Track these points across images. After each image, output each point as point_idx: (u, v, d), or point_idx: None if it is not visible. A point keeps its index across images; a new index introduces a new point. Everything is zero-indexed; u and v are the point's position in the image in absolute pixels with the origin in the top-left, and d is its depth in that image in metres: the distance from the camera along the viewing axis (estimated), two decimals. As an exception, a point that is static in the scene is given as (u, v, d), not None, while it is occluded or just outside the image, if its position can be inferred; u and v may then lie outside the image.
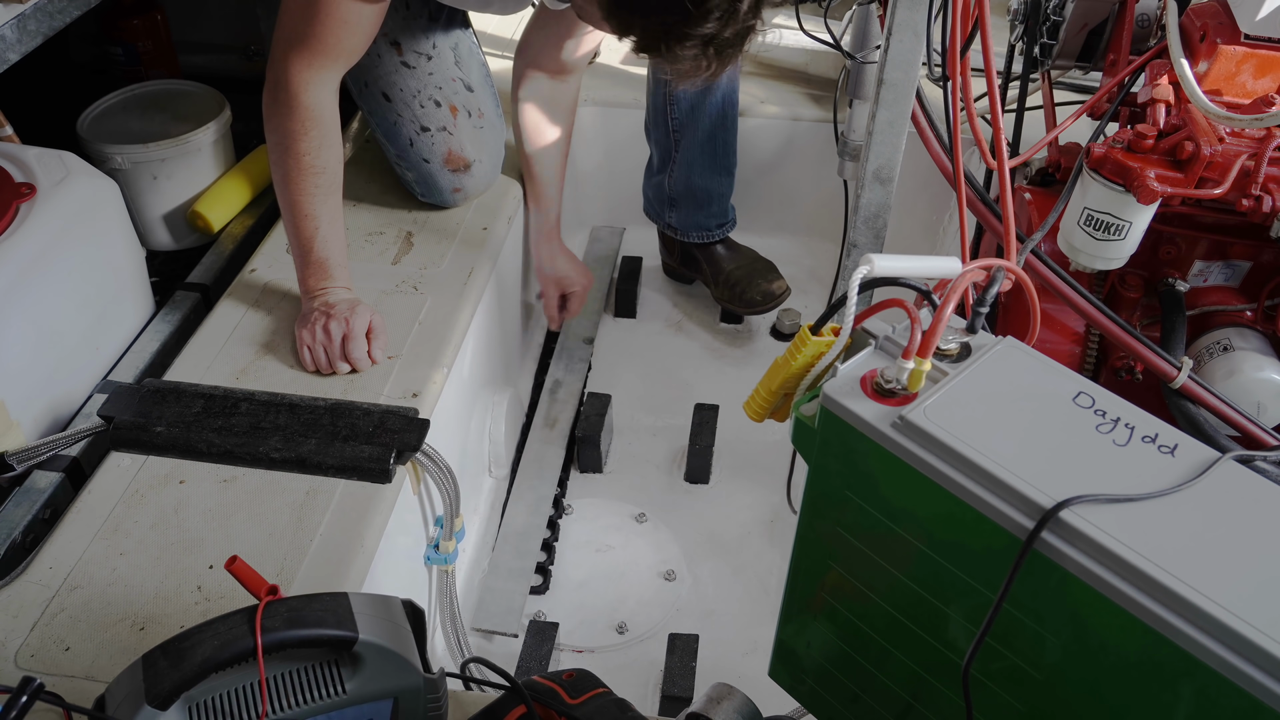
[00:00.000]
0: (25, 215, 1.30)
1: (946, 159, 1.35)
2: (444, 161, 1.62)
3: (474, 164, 1.65)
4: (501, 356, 1.78)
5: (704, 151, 1.90)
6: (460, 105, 1.62)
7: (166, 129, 1.64)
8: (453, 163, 1.63)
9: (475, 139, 1.64)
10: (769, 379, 0.85)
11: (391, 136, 1.62)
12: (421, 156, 1.62)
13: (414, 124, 1.59)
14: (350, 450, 1.18)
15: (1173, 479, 0.67)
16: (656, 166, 1.97)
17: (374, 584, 1.14)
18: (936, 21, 1.25)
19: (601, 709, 0.84)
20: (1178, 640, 0.61)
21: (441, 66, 1.59)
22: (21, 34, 1.16)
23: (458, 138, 1.62)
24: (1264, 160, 1.18)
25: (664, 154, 1.93)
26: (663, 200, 1.99)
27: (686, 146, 1.89)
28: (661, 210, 2.02)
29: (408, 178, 1.67)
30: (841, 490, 0.80)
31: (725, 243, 2.03)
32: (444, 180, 1.64)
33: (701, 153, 1.90)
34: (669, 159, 1.92)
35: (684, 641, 1.46)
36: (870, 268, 0.76)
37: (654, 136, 1.94)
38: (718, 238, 2.02)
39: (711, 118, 1.86)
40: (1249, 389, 1.30)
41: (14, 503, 1.20)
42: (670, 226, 2.02)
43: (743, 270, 2.01)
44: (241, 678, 0.79)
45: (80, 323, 1.37)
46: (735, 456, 1.83)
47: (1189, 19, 1.30)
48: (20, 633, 1.03)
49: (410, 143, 1.61)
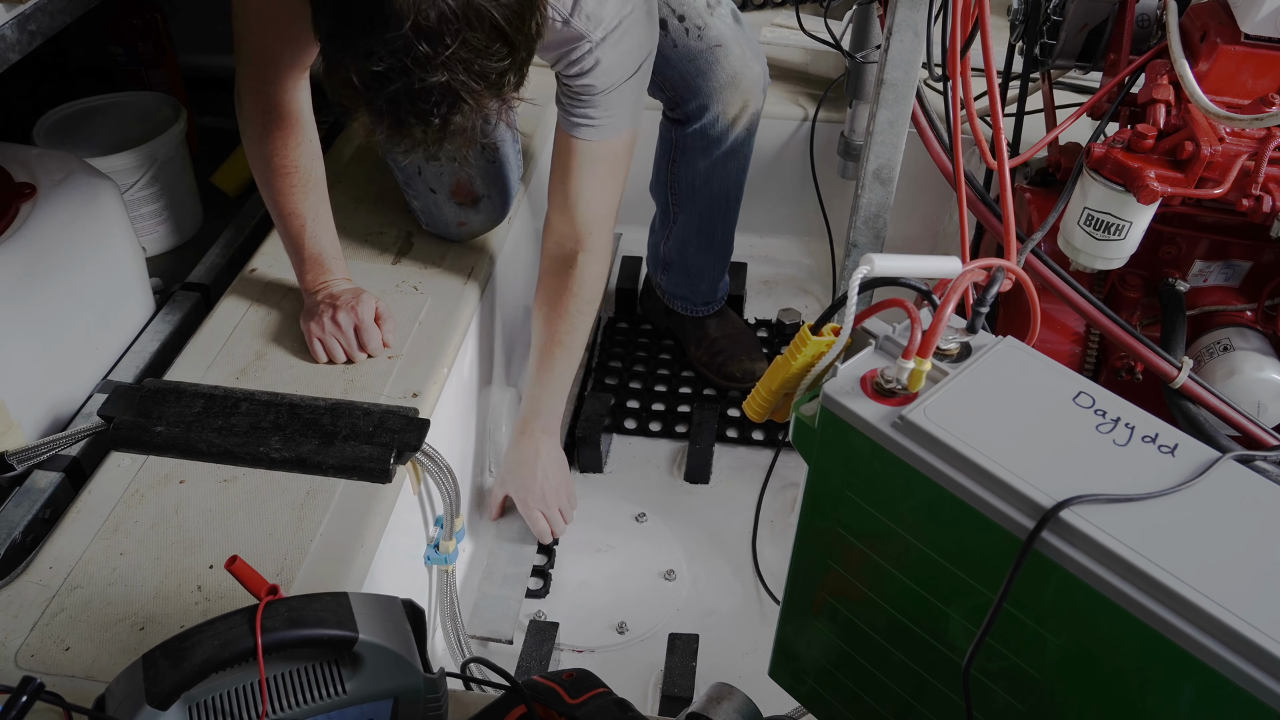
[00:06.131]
0: (25, 215, 1.30)
1: (946, 159, 1.35)
2: (451, 192, 1.55)
3: (482, 199, 1.57)
4: (501, 356, 1.78)
5: (699, 233, 1.83)
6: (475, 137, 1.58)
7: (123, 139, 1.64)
8: (460, 195, 1.55)
9: (487, 173, 1.56)
10: (769, 378, 0.85)
11: (399, 161, 1.56)
12: (429, 185, 1.54)
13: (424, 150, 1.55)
14: (350, 450, 1.18)
15: (1173, 479, 0.67)
16: (657, 225, 1.91)
17: (374, 584, 1.14)
18: (936, 22, 1.25)
19: (601, 709, 0.84)
20: (1178, 640, 0.61)
21: None
22: (21, 34, 1.16)
23: (468, 170, 1.54)
24: (1264, 160, 1.18)
25: (664, 216, 1.86)
26: (656, 260, 1.93)
27: (683, 223, 1.82)
28: (656, 268, 1.95)
29: (413, 206, 1.61)
30: (841, 490, 0.80)
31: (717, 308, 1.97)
32: (449, 213, 1.57)
33: (697, 233, 1.83)
34: (667, 224, 1.86)
35: (684, 641, 1.46)
36: (870, 268, 0.76)
37: (657, 197, 1.86)
38: (701, 314, 1.95)
39: (712, 204, 1.79)
40: (1249, 389, 1.30)
41: (14, 503, 1.20)
42: (660, 288, 1.96)
43: (728, 342, 1.93)
44: (241, 678, 0.79)
45: (80, 323, 1.37)
46: (735, 456, 1.83)
47: (1189, 19, 1.30)
48: (20, 633, 1.03)
49: (419, 170, 1.54)
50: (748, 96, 1.66)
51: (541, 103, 1.98)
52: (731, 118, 1.67)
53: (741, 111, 1.67)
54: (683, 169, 1.75)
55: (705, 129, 1.67)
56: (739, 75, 1.63)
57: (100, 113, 1.71)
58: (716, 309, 1.96)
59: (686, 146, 1.72)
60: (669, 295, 1.96)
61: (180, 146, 1.71)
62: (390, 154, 1.58)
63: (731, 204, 1.81)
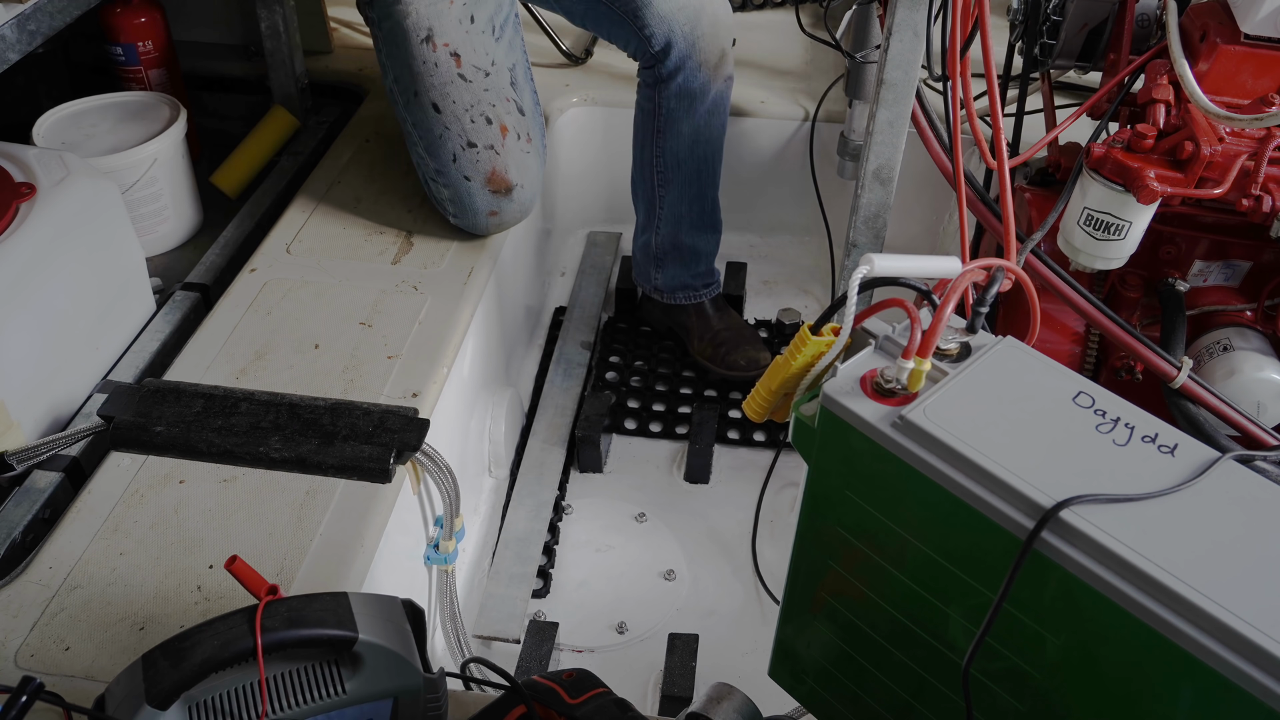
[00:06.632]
0: (25, 215, 1.30)
1: (946, 159, 1.35)
2: (486, 181, 1.57)
3: (515, 188, 1.60)
4: (501, 356, 1.78)
5: (690, 208, 1.84)
6: (511, 126, 1.57)
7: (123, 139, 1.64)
8: (495, 183, 1.57)
9: (521, 163, 1.59)
10: (769, 378, 0.85)
11: (434, 150, 1.56)
12: (463, 174, 1.56)
13: (461, 138, 1.54)
14: (350, 450, 1.18)
15: (1173, 479, 0.67)
16: (642, 225, 1.91)
17: (374, 584, 1.14)
18: (936, 22, 1.25)
19: (601, 709, 0.84)
20: (1177, 640, 0.61)
21: (498, 84, 1.55)
22: (21, 34, 1.16)
23: (504, 158, 1.56)
24: (1264, 160, 1.18)
25: (649, 210, 1.87)
26: (649, 259, 1.92)
27: (672, 202, 1.83)
28: (648, 270, 1.94)
29: (442, 195, 1.61)
30: (841, 490, 0.80)
31: (714, 302, 1.97)
32: (481, 201, 1.58)
33: (688, 209, 1.84)
34: (654, 215, 1.86)
35: (684, 641, 1.46)
36: (870, 268, 0.76)
37: (639, 192, 1.87)
38: (703, 298, 1.95)
39: (699, 171, 1.80)
40: (1249, 389, 1.30)
41: (14, 503, 1.20)
42: (657, 289, 1.95)
43: (730, 333, 1.94)
44: (241, 678, 0.79)
45: (80, 323, 1.37)
46: (735, 456, 1.83)
47: (1189, 19, 1.30)
48: (20, 632, 1.03)
49: (454, 157, 1.55)
50: (724, 44, 1.69)
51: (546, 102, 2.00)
52: (713, 65, 1.68)
53: (721, 61, 1.69)
54: (669, 138, 1.76)
55: (686, 82, 1.68)
56: (718, 20, 1.66)
57: (100, 113, 1.71)
58: (717, 291, 1.97)
59: (670, 110, 1.72)
60: (667, 291, 1.95)
61: (180, 146, 1.71)
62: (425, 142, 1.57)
63: (715, 167, 1.83)
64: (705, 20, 1.65)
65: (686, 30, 1.65)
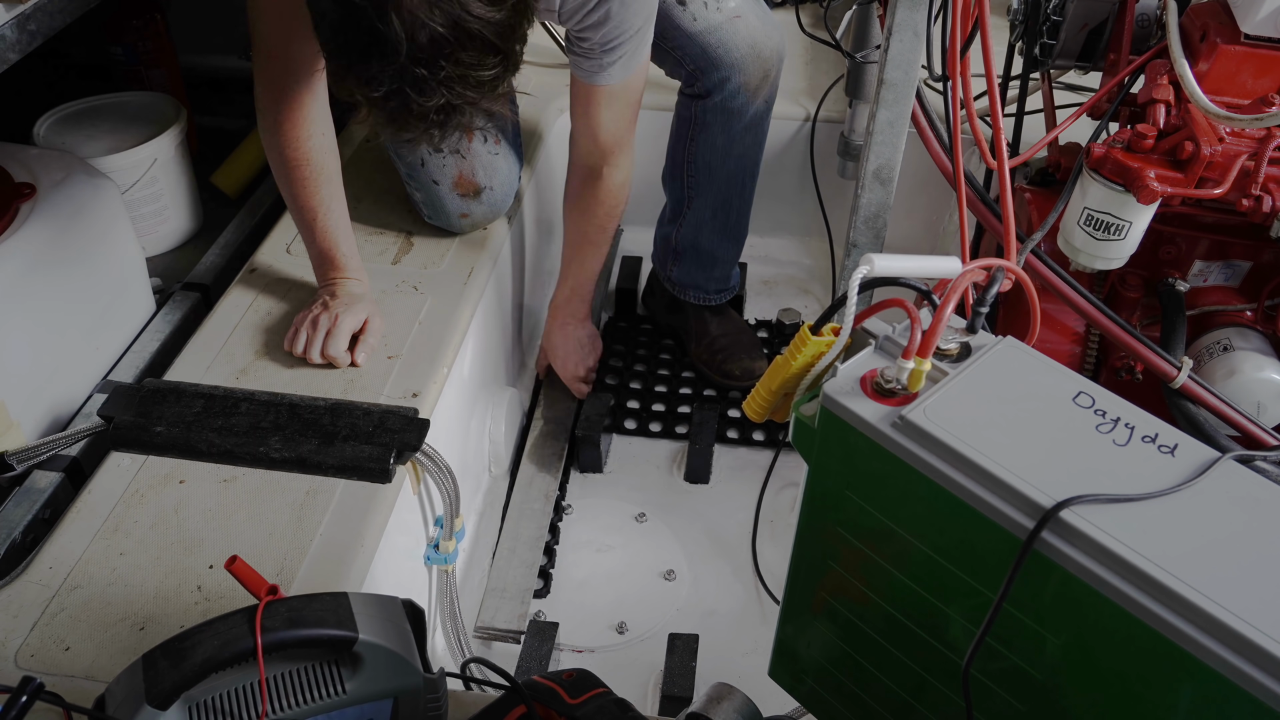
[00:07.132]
0: (25, 215, 1.30)
1: (946, 159, 1.35)
2: (453, 185, 1.57)
3: (484, 191, 1.60)
4: (501, 356, 1.78)
5: (715, 215, 1.83)
6: (477, 129, 1.58)
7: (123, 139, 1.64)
8: (463, 186, 1.58)
9: (489, 165, 1.60)
10: (769, 378, 0.85)
11: (403, 154, 1.58)
12: (431, 178, 1.57)
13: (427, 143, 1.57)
14: (350, 450, 1.18)
15: (1173, 479, 0.67)
16: (668, 217, 1.91)
17: (374, 584, 1.14)
18: (936, 22, 1.25)
19: (601, 709, 0.84)
20: (1178, 640, 0.61)
21: None
22: (21, 34, 1.16)
23: (470, 161, 1.57)
24: (1264, 160, 1.18)
25: (676, 206, 1.87)
26: (669, 250, 1.92)
27: (699, 206, 1.83)
28: (665, 260, 1.95)
29: (416, 198, 1.63)
30: (841, 490, 0.80)
31: (717, 306, 1.97)
32: (452, 204, 1.59)
33: (713, 216, 1.83)
34: (680, 212, 1.86)
35: (684, 641, 1.46)
36: (870, 268, 0.76)
37: (669, 187, 1.87)
38: (713, 301, 1.95)
39: (730, 183, 1.80)
40: (1249, 389, 1.30)
41: (14, 503, 1.20)
42: (670, 280, 1.96)
43: (728, 340, 1.93)
44: (241, 678, 0.79)
45: (80, 323, 1.37)
46: (735, 456, 1.83)
47: (1189, 19, 1.30)
48: (20, 633, 1.03)
49: (422, 162, 1.56)
50: (769, 67, 1.67)
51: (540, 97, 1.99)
52: (753, 88, 1.67)
53: (763, 82, 1.68)
54: (702, 146, 1.75)
55: (726, 101, 1.67)
56: (759, 45, 1.64)
57: (100, 113, 1.71)
58: (729, 297, 1.97)
59: (706, 123, 1.71)
60: (679, 286, 1.95)
61: (180, 146, 1.71)
62: (394, 148, 1.60)
63: (749, 182, 1.82)
64: (745, 45, 1.63)
65: (732, 58, 1.64)
